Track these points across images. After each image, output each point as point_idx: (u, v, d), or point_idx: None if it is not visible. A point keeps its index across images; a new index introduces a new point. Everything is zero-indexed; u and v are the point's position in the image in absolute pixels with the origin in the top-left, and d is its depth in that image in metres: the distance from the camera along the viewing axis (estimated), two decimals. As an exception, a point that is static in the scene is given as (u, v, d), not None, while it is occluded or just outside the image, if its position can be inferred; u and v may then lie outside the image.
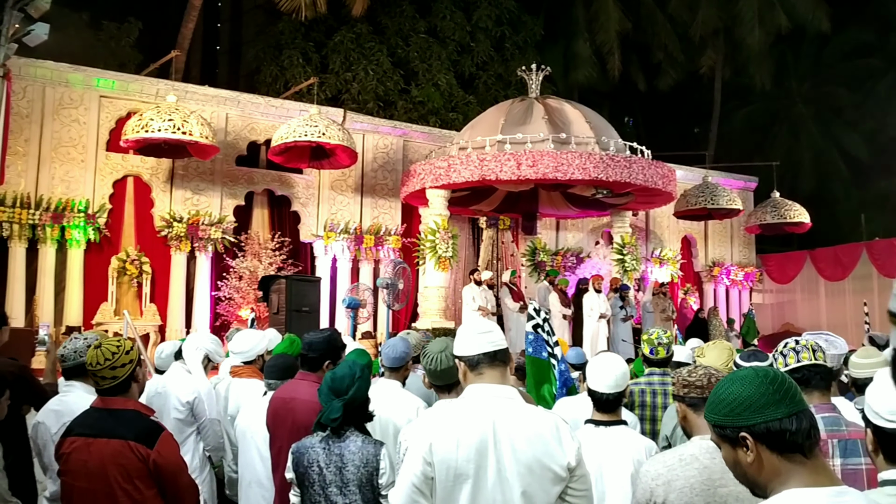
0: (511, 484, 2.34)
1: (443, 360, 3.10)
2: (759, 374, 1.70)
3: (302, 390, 3.64)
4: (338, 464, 2.96)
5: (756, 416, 1.64)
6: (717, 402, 1.72)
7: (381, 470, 2.98)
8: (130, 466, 2.87)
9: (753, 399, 1.65)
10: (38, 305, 11.49)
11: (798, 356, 2.97)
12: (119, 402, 3.04)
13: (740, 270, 18.83)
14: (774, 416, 1.63)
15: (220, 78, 21.13)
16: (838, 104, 23.81)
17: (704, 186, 16.02)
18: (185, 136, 11.00)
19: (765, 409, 1.64)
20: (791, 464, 1.62)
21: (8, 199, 11.26)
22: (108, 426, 2.96)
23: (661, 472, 2.44)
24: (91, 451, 2.92)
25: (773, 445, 1.63)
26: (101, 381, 3.04)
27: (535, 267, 15.46)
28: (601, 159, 11.79)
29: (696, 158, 20.33)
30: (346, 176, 14.22)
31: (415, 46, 19.25)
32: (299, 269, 13.53)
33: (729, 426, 1.68)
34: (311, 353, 3.78)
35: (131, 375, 3.07)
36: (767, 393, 1.65)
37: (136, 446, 2.89)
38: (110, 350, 3.03)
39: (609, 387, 3.31)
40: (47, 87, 11.88)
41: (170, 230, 12.46)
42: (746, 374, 1.71)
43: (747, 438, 1.65)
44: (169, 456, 2.95)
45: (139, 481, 2.89)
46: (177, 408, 4.45)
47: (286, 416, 3.63)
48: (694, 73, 23.91)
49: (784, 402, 1.64)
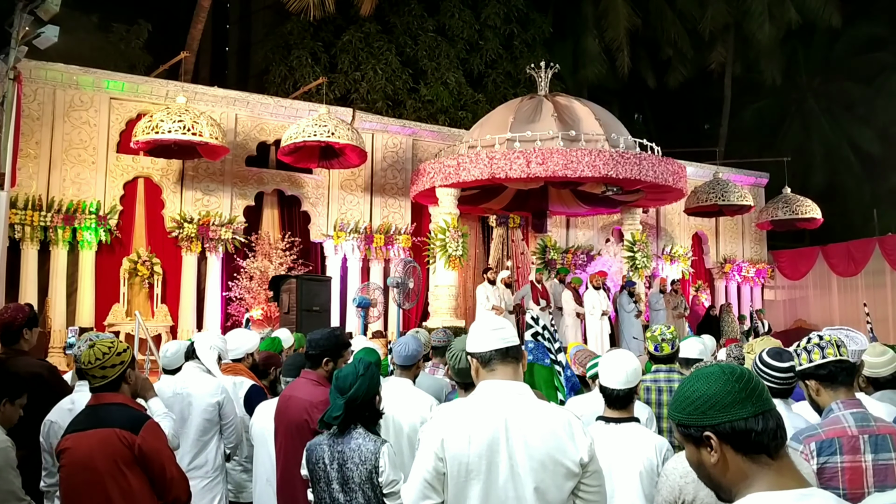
0: (523, 480, 2.33)
1: (466, 359, 3.09)
2: (726, 372, 1.63)
3: (300, 388, 3.68)
4: (339, 461, 2.96)
5: (721, 414, 1.58)
6: (682, 400, 1.66)
7: (380, 468, 2.96)
8: (117, 453, 2.94)
9: (719, 397, 1.59)
10: (50, 307, 11.55)
11: (823, 352, 2.94)
12: (108, 396, 3.12)
13: (752, 267, 18.75)
14: (740, 416, 1.57)
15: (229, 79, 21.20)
16: (849, 99, 23.65)
17: (715, 183, 15.96)
18: (195, 136, 11.03)
19: (730, 407, 1.58)
20: (756, 465, 1.57)
21: (20, 201, 11.31)
22: (96, 418, 3.04)
23: (689, 470, 2.41)
24: (82, 444, 2.99)
25: (738, 446, 1.57)
26: (91, 379, 3.13)
27: (546, 265, 15.45)
28: (611, 156, 11.75)
29: (707, 155, 20.26)
30: (356, 175, 14.23)
31: (423, 45, 19.25)
32: (310, 268, 13.54)
33: (693, 425, 1.62)
34: (311, 350, 3.80)
35: (121, 376, 3.15)
36: (733, 391, 1.59)
37: (121, 433, 2.96)
38: (101, 350, 3.12)
39: (620, 383, 3.30)
40: (58, 90, 11.93)
41: (180, 231, 12.50)
42: (712, 372, 1.65)
43: (711, 438, 1.59)
44: (153, 442, 3.02)
45: (126, 468, 2.95)
46: (206, 409, 4.42)
47: (284, 414, 3.66)
48: (704, 69, 23.80)
49: (750, 400, 1.58)
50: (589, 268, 16.03)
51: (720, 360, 5.09)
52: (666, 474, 2.47)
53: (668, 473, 2.47)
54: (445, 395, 4.65)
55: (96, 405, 3.11)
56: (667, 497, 2.44)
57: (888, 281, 17.76)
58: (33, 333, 4.66)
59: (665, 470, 2.50)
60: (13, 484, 3.66)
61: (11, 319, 4.58)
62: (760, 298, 18.97)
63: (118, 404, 3.09)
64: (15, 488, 3.67)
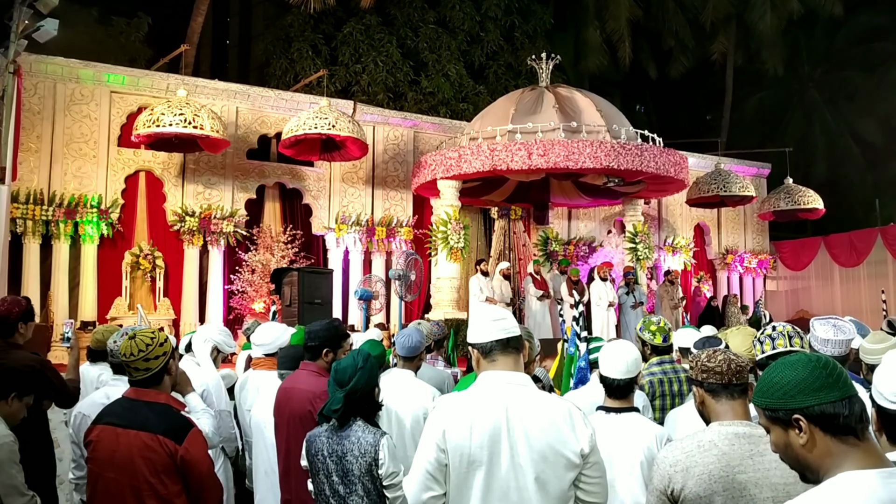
0: (524, 470, 2.34)
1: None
2: (812, 360, 1.73)
3: (301, 379, 3.67)
4: (339, 453, 2.95)
5: (810, 398, 1.67)
6: (770, 387, 1.75)
7: (380, 460, 2.92)
8: (158, 461, 2.85)
9: (808, 382, 1.68)
10: (52, 301, 11.57)
11: (773, 343, 2.95)
12: (151, 394, 3.02)
13: (754, 258, 18.74)
14: (828, 399, 1.66)
15: (229, 72, 21.18)
16: (852, 89, 23.56)
17: (717, 174, 15.93)
18: (196, 130, 11.02)
19: (818, 392, 1.67)
20: (845, 446, 1.65)
21: (21, 195, 11.31)
22: (139, 418, 2.94)
23: (679, 459, 2.41)
24: (119, 442, 2.90)
25: (827, 427, 1.66)
26: (133, 372, 3.03)
27: (548, 257, 15.44)
28: (612, 148, 11.73)
29: (709, 146, 20.23)
30: (357, 168, 14.22)
31: (424, 37, 19.21)
32: (311, 261, 13.55)
33: (782, 409, 1.71)
34: (310, 341, 3.79)
35: (164, 368, 3.06)
36: (821, 377, 1.68)
37: (164, 441, 2.87)
38: (144, 342, 3.01)
39: (621, 373, 3.31)
40: (58, 84, 11.92)
41: (182, 224, 12.50)
42: (798, 359, 1.75)
43: (801, 420, 1.68)
44: (197, 453, 2.92)
45: (165, 476, 2.87)
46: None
47: (286, 406, 3.66)
48: (705, 59, 23.73)
49: (837, 385, 1.67)
50: (591, 259, 16.03)
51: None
52: (657, 463, 2.48)
53: (659, 462, 2.48)
54: (447, 387, 4.66)
55: (137, 401, 3.01)
56: (657, 485, 2.44)
57: (890, 271, 17.74)
58: (28, 327, 4.65)
59: (657, 458, 2.51)
60: (16, 479, 3.67)
61: (7, 313, 4.59)
62: (762, 289, 18.96)
63: (161, 405, 2.99)
64: (17, 483, 3.68)
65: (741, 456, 2.36)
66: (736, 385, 2.54)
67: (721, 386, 2.56)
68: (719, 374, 2.58)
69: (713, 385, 2.58)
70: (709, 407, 2.60)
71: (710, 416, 2.59)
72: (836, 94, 23.85)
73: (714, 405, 2.58)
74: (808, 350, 3.07)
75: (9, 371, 3.98)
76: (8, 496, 3.62)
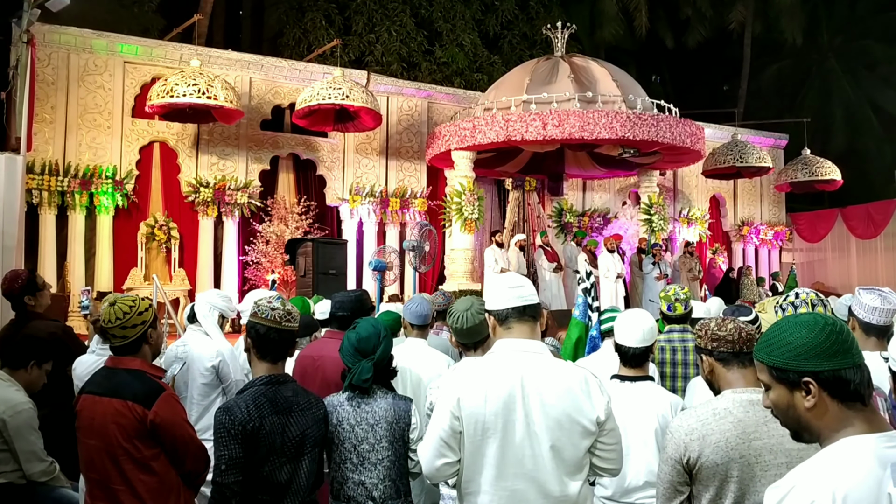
0: (540, 438, 2.33)
1: (468, 318, 3.07)
2: (828, 322, 1.69)
3: (330, 348, 3.68)
4: (370, 421, 2.97)
5: (825, 363, 1.65)
6: (781, 345, 1.71)
7: (412, 425, 3.02)
8: (129, 426, 2.88)
9: (824, 346, 1.66)
10: (69, 271, 11.65)
11: (797, 311, 2.92)
12: (127, 361, 3.03)
13: (770, 229, 18.62)
14: (843, 365, 1.64)
15: (243, 42, 21.01)
16: (871, 59, 23.23)
17: (733, 144, 15.79)
18: (209, 100, 11.01)
19: (833, 357, 1.65)
20: (852, 411, 1.65)
21: (37, 166, 11.35)
22: (113, 385, 2.96)
23: (695, 427, 2.40)
24: (96, 410, 2.94)
25: (836, 393, 1.65)
26: (111, 339, 3.04)
27: (562, 228, 15.39)
28: (628, 118, 11.62)
29: (725, 116, 20.02)
30: (371, 139, 14.17)
31: (438, 6, 19.03)
32: (325, 232, 13.57)
33: (792, 370, 1.68)
34: (341, 311, 3.81)
35: (142, 336, 3.05)
36: (837, 342, 1.66)
37: (133, 406, 2.88)
38: (122, 309, 3.01)
39: (637, 341, 3.31)
40: (72, 54, 11.90)
41: (196, 195, 12.53)
42: (813, 320, 1.71)
43: (811, 383, 1.66)
44: (167, 416, 2.92)
45: (138, 441, 2.89)
46: (202, 373, 4.44)
47: (315, 374, 3.67)
48: (723, 29, 23.45)
49: (850, 352, 1.66)
50: (605, 231, 15.97)
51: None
52: (671, 432, 2.47)
53: (673, 431, 2.46)
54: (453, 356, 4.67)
55: (113, 368, 3.04)
56: (672, 454, 2.43)
57: (908, 243, 17.60)
58: (39, 297, 4.68)
59: (671, 427, 2.49)
60: (35, 444, 3.73)
61: (9, 288, 4.63)
62: (778, 261, 18.85)
63: (135, 370, 3.00)
64: (37, 448, 3.73)
65: (756, 423, 2.35)
66: (746, 353, 2.52)
67: (732, 354, 2.55)
68: (730, 342, 2.57)
69: (724, 353, 2.57)
70: (719, 375, 2.59)
71: (720, 385, 2.58)
72: (855, 65, 23.51)
73: (725, 373, 2.57)
74: None
75: (26, 339, 4.03)
76: (28, 461, 3.68)
